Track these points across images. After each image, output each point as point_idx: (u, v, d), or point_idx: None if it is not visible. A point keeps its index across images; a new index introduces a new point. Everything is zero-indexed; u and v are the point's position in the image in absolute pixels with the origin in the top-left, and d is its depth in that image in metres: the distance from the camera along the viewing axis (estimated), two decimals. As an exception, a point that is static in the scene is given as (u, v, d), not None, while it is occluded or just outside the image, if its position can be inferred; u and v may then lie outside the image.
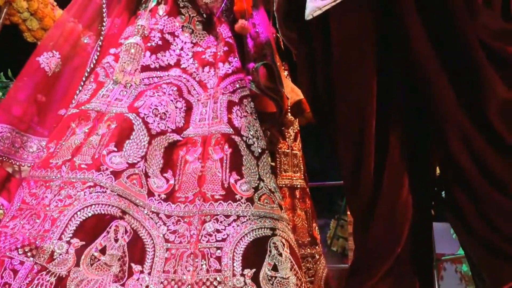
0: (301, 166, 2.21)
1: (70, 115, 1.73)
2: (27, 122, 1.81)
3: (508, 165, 1.13)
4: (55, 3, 2.38)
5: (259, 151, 1.70)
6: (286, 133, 2.14)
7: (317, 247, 2.10)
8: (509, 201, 1.13)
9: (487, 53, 1.14)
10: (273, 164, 2.00)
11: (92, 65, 1.94)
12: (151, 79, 1.81)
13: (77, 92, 1.86)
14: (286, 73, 2.36)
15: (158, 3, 2.02)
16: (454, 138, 1.17)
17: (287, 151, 2.16)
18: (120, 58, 1.81)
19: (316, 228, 2.17)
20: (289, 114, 2.02)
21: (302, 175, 2.19)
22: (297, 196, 2.12)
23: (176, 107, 1.74)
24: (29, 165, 1.76)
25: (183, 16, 1.99)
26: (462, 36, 1.15)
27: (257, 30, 2.08)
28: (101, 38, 2.03)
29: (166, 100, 1.73)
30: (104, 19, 2.10)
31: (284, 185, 2.08)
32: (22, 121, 1.82)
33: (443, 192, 1.34)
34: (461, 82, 1.17)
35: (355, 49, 1.25)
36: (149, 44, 1.88)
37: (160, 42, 1.89)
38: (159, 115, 1.69)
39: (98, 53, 1.97)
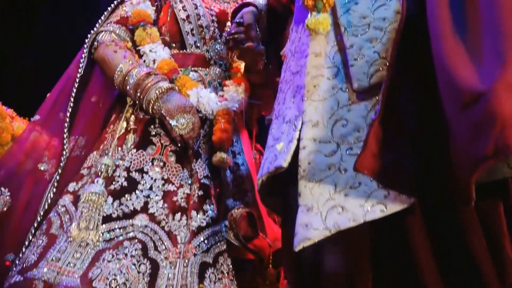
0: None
1: (13, 284, 1.47)
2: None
3: None
4: (14, 113, 2.13)
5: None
6: None
7: None
8: None
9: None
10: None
11: (46, 206, 1.69)
12: (112, 232, 1.56)
13: (26, 242, 1.61)
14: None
15: (127, 131, 1.79)
16: None
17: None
18: (77, 211, 1.56)
19: None
20: (271, 266, 1.78)
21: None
22: None
23: (138, 272, 1.50)
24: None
25: (154, 147, 1.76)
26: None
27: (237, 161, 1.86)
28: (61, 165, 1.79)
29: (126, 265, 1.49)
30: (65, 138, 1.86)
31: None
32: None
33: None
34: None
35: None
36: (112, 187, 1.64)
37: (125, 184, 1.65)
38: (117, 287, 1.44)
39: (55, 189, 1.73)
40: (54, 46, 3.30)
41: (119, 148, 1.74)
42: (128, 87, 1.80)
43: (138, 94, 1.78)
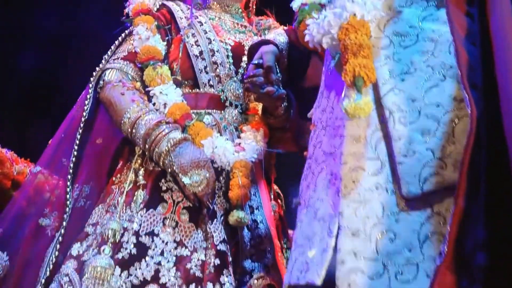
0: None
1: None
2: None
3: None
4: (15, 155, 1.99)
5: None
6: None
7: None
8: None
9: None
10: None
11: (48, 271, 1.55)
12: (118, 314, 1.42)
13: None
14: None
15: (136, 186, 1.63)
16: None
17: None
18: (82, 285, 1.42)
19: None
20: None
21: None
22: None
23: None
24: None
25: (165, 204, 1.61)
26: None
27: (255, 218, 1.70)
28: (64, 224, 1.64)
29: None
30: (69, 186, 1.71)
31: None
32: None
33: None
34: None
35: None
36: (120, 255, 1.49)
37: (134, 251, 1.50)
38: None
39: (57, 252, 1.58)
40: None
41: (127, 207, 1.59)
42: (137, 137, 1.64)
43: (148, 146, 1.62)
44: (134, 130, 1.65)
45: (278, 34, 1.79)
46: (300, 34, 1.25)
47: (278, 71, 1.70)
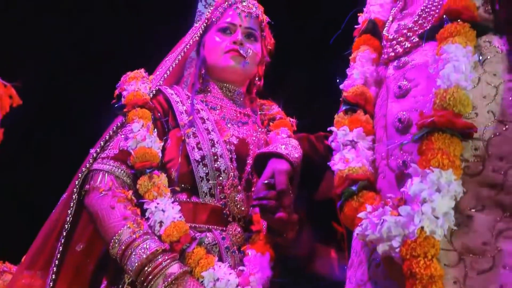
0: None
1: None
2: None
3: None
4: (2, 265, 1.78)
5: None
6: None
7: None
8: None
9: None
10: None
11: None
12: None
13: None
14: None
15: None
16: None
17: None
18: None
19: None
20: None
21: None
22: None
23: None
24: None
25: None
26: None
27: None
28: None
29: None
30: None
31: None
32: None
33: None
34: None
35: None
36: None
37: None
38: None
39: None
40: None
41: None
42: (128, 266, 1.44)
43: (141, 280, 1.42)
44: (125, 257, 1.44)
45: (292, 147, 1.60)
46: (343, 218, 1.07)
47: (291, 191, 1.52)
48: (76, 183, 1.61)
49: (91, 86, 2.73)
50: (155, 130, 1.67)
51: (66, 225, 1.57)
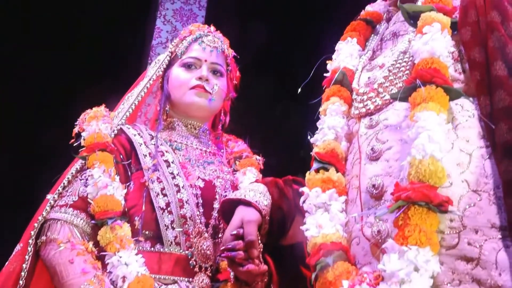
0: None
1: None
2: None
3: None
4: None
5: None
6: None
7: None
8: None
9: None
10: None
11: None
12: None
13: None
14: None
15: None
16: None
17: None
18: None
19: None
20: None
21: None
22: None
23: None
24: None
25: None
26: None
27: None
28: None
29: None
30: None
31: None
32: None
33: None
34: None
35: None
36: None
37: None
38: None
39: None
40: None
41: None
42: None
43: None
44: None
45: (261, 194, 1.56)
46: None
47: (259, 242, 1.48)
48: (32, 233, 1.51)
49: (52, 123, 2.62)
50: (117, 175, 1.59)
51: (20, 281, 1.47)
